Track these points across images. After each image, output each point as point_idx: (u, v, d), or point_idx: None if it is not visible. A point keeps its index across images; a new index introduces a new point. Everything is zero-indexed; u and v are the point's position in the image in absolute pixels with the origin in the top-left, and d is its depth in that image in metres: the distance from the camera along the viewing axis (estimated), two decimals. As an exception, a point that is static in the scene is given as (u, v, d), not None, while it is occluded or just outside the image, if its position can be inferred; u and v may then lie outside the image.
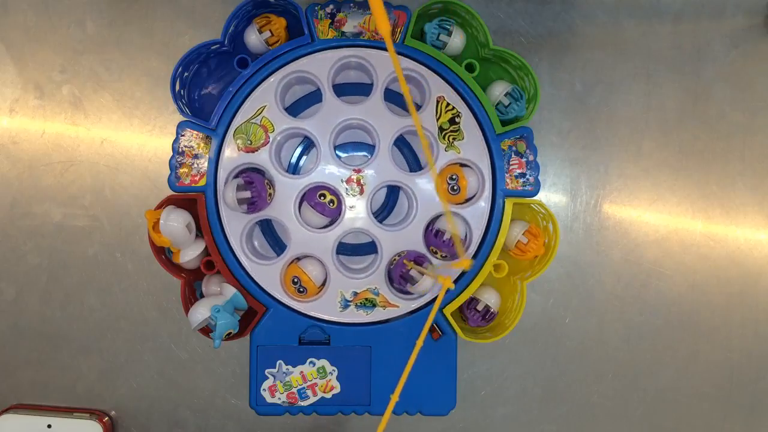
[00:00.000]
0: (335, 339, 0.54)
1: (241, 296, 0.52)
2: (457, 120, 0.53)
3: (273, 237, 0.57)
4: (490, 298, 0.55)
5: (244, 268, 0.53)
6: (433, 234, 0.53)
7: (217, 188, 0.53)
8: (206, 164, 0.53)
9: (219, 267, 0.53)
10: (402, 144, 0.57)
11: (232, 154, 0.53)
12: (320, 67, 0.53)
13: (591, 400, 0.61)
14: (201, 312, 0.50)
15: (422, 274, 0.51)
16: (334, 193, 0.54)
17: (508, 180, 0.54)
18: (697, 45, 0.60)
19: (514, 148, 0.54)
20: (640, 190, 0.61)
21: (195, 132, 0.53)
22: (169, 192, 0.53)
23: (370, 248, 0.56)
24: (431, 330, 0.54)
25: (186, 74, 0.54)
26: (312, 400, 0.54)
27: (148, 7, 0.59)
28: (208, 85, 0.56)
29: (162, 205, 0.52)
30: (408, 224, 0.54)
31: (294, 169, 0.57)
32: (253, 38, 0.54)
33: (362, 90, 0.56)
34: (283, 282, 0.54)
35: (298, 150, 0.57)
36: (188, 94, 0.55)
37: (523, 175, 0.54)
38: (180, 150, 0.53)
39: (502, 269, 0.55)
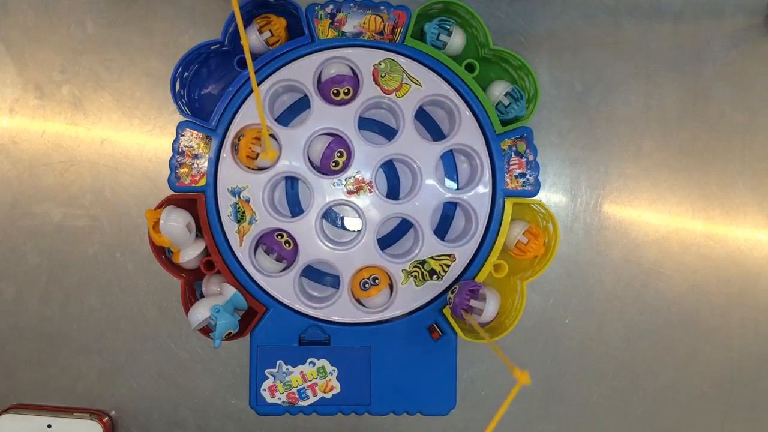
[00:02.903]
0: (335, 339, 0.54)
1: (241, 296, 0.52)
2: (434, 278, 0.54)
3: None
4: (490, 296, 0.55)
5: (244, 268, 0.53)
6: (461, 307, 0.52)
7: (216, 188, 0.53)
8: (206, 164, 0.53)
9: (219, 267, 0.53)
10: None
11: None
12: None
13: (591, 400, 0.61)
14: (201, 312, 0.50)
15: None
16: (346, 164, 0.53)
17: (508, 180, 0.54)
18: (697, 45, 0.60)
19: (514, 148, 0.54)
20: (640, 190, 0.61)
21: (195, 132, 0.53)
22: (169, 192, 0.53)
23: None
24: (431, 330, 0.54)
25: (186, 74, 0.54)
26: (312, 400, 0.54)
27: (148, 7, 0.59)
28: (208, 85, 0.56)
29: (162, 205, 0.52)
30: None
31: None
32: (253, 38, 0.54)
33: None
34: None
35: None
36: (188, 94, 0.55)
37: (523, 175, 0.54)
38: (180, 150, 0.53)
39: (502, 269, 0.55)
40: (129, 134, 0.59)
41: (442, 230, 0.57)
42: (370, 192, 0.53)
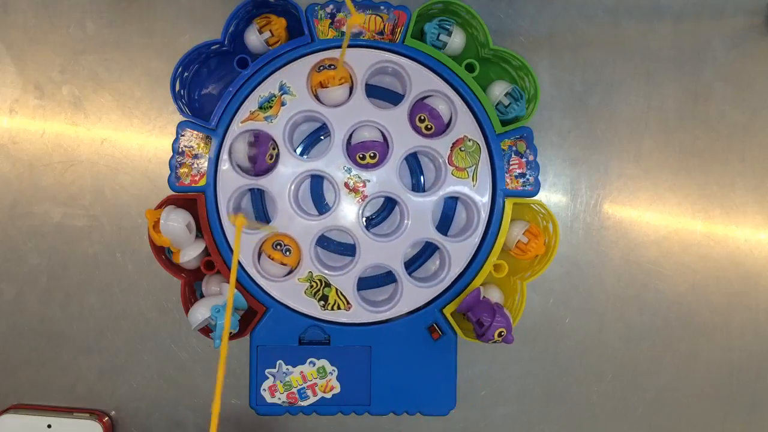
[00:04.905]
0: (335, 339, 0.54)
1: (241, 296, 0.52)
2: (320, 303, 0.53)
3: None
4: (493, 295, 0.55)
5: (244, 268, 0.53)
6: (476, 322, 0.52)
7: (216, 188, 0.53)
8: (206, 164, 0.53)
9: (219, 267, 0.53)
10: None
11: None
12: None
13: (591, 400, 0.61)
14: (201, 312, 0.50)
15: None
16: (368, 167, 0.53)
17: (508, 180, 0.54)
18: (697, 45, 0.60)
19: (514, 148, 0.54)
20: (640, 190, 0.61)
21: (195, 132, 0.53)
22: (169, 192, 0.53)
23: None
24: (431, 330, 0.54)
25: (186, 74, 0.54)
26: (312, 400, 0.54)
27: (148, 7, 0.59)
28: (208, 85, 0.56)
29: (162, 205, 0.52)
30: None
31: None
32: (253, 38, 0.54)
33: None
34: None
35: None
36: (188, 94, 0.55)
37: (523, 175, 0.54)
38: (180, 150, 0.53)
39: (502, 269, 0.55)
40: (129, 134, 0.59)
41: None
42: (359, 203, 0.53)
